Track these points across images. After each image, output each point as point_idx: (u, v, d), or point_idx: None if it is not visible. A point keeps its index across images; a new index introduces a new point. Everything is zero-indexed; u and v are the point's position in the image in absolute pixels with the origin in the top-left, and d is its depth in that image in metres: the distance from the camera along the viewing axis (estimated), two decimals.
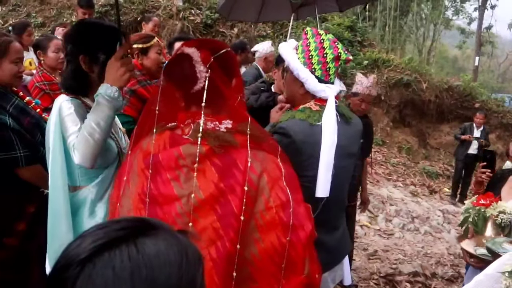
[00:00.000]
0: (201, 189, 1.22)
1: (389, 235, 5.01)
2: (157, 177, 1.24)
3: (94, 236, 0.58)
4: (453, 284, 4.10)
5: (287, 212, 1.25)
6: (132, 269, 0.55)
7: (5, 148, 1.89)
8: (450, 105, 10.45)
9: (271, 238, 1.23)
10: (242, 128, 1.30)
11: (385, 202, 5.85)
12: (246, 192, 1.21)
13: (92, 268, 0.55)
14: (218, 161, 1.24)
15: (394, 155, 9.06)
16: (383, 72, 9.70)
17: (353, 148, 1.83)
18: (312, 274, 1.30)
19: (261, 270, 1.24)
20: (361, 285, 3.69)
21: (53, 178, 1.64)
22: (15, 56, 1.99)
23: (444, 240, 5.15)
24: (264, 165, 1.27)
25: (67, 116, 1.62)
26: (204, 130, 1.26)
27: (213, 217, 1.21)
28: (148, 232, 0.60)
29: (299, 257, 1.26)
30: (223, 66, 1.32)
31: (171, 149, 1.27)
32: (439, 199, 7.41)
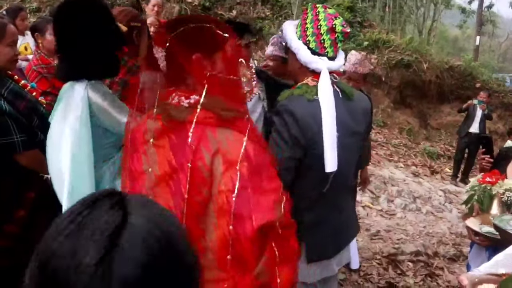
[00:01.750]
0: (158, 165, 1.21)
1: (391, 215, 5.02)
2: (134, 153, 1.27)
3: (90, 228, 0.53)
4: (455, 262, 4.12)
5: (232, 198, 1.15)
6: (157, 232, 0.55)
7: (1, 133, 1.85)
8: (451, 85, 10.40)
9: (223, 226, 1.15)
10: (210, 103, 1.23)
11: (387, 183, 5.85)
12: (192, 170, 1.15)
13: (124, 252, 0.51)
14: (174, 137, 1.23)
15: (395, 136, 9.04)
16: (384, 53, 9.62)
17: (358, 126, 1.77)
18: (271, 277, 1.16)
19: (222, 259, 1.15)
20: (364, 265, 3.70)
21: (79, 163, 1.56)
22: (10, 39, 1.95)
23: (446, 219, 5.16)
24: (221, 145, 1.18)
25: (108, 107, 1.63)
26: (164, 105, 1.26)
27: (168, 195, 1.19)
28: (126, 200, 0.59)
29: (245, 251, 1.14)
30: (189, 43, 1.28)
31: (141, 124, 1.29)
32: (440, 179, 7.42)
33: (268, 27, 9.12)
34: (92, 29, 1.63)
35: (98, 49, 1.65)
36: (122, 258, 0.50)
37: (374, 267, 3.73)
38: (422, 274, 3.77)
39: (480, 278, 1.45)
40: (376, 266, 3.77)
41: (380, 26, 11.47)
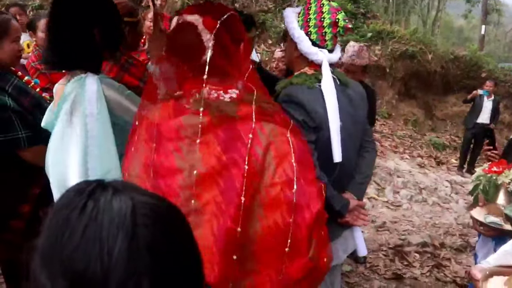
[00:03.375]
0: (203, 162, 1.16)
1: (397, 207, 5.01)
2: (160, 148, 1.20)
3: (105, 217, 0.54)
4: (462, 253, 4.11)
5: (291, 190, 1.18)
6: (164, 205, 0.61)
7: (6, 129, 1.86)
8: (456, 76, 10.32)
9: (275, 216, 1.16)
10: (249, 98, 1.23)
11: (392, 174, 5.83)
12: (248, 165, 1.15)
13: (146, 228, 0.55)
14: (222, 133, 1.18)
15: (400, 127, 9.00)
16: (388, 44, 9.55)
17: (357, 113, 1.80)
18: (319, 258, 1.24)
19: (264, 249, 1.18)
20: (370, 257, 3.70)
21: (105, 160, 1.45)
22: (15, 34, 1.95)
23: (452, 210, 5.15)
24: (271, 139, 1.20)
25: (125, 102, 1.55)
26: (206, 100, 1.20)
27: (215, 191, 1.15)
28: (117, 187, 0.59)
29: (303, 238, 1.19)
30: (231, 32, 1.24)
31: (172, 120, 1.21)
32: (446, 170, 7.38)
33: (270, 20, 9.07)
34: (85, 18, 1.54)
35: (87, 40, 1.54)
36: (144, 232, 0.54)
37: (381, 259, 3.73)
38: (429, 265, 3.76)
39: (491, 271, 1.44)
40: (382, 257, 3.77)
41: (384, 17, 11.40)
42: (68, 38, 1.56)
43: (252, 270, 1.18)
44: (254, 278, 1.19)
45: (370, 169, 1.94)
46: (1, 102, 1.86)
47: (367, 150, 1.92)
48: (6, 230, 1.99)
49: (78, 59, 1.56)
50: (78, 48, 1.55)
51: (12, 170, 1.93)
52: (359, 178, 1.86)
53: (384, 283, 3.39)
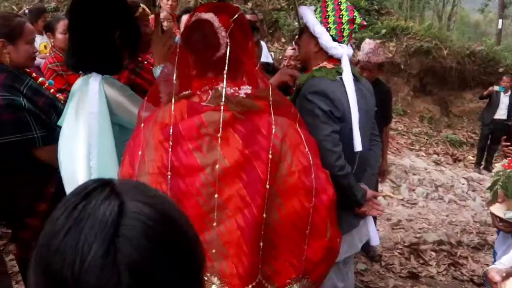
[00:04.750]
0: (226, 157, 1.19)
1: (413, 205, 4.95)
2: (178, 148, 1.21)
3: (88, 221, 0.52)
4: (480, 251, 4.04)
5: (309, 177, 1.24)
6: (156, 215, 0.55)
7: (22, 129, 1.89)
8: (473, 71, 10.13)
9: (293, 203, 1.22)
10: (261, 93, 1.27)
11: (408, 172, 5.76)
12: (271, 155, 1.20)
13: (127, 240, 0.51)
14: (241, 127, 1.22)
15: (416, 124, 8.89)
16: (402, 40, 9.43)
17: (368, 108, 1.87)
18: (334, 238, 1.30)
19: (282, 236, 1.23)
20: (385, 255, 3.66)
21: (105, 159, 1.52)
22: (29, 36, 1.99)
23: (470, 208, 5.06)
24: (285, 130, 1.25)
25: (126, 103, 1.57)
26: (226, 95, 1.23)
27: (239, 185, 1.19)
28: (117, 188, 0.57)
29: (322, 221, 1.26)
30: (243, 30, 1.29)
31: (191, 118, 1.23)
32: (463, 167, 7.27)
33: (284, 19, 9.05)
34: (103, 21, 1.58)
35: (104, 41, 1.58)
36: (126, 245, 0.50)
37: (396, 257, 3.69)
38: (445, 264, 3.71)
39: (508, 272, 1.42)
40: (397, 256, 3.73)
41: (398, 13, 11.28)
42: (89, 41, 1.59)
43: (270, 257, 1.23)
44: (273, 264, 1.23)
45: (377, 162, 2.04)
46: (17, 102, 1.89)
47: (374, 143, 1.99)
48: (23, 229, 2.03)
49: (99, 62, 1.60)
50: (99, 52, 1.59)
51: (28, 169, 1.97)
52: (370, 170, 1.94)
53: (399, 281, 3.35)
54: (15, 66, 1.98)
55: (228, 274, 1.17)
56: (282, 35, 8.88)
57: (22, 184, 1.97)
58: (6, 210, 2.02)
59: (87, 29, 1.60)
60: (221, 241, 1.17)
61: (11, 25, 1.94)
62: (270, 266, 1.23)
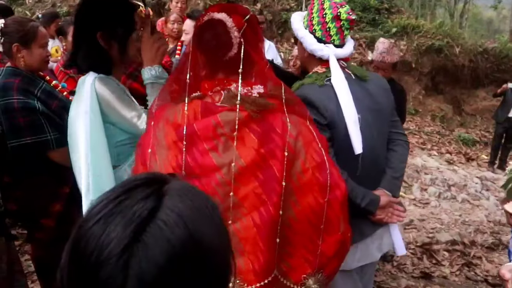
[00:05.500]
0: (242, 156, 1.20)
1: (425, 204, 4.90)
2: (193, 149, 1.22)
3: (119, 217, 0.52)
4: (494, 251, 3.99)
5: (323, 173, 1.25)
6: (183, 235, 0.52)
7: (36, 131, 1.93)
8: (486, 69, 10.00)
9: (308, 199, 1.23)
10: (274, 92, 1.29)
11: (420, 171, 5.71)
12: (287, 153, 1.21)
13: (144, 249, 0.50)
14: (257, 127, 1.23)
15: (428, 123, 8.80)
16: (413, 38, 9.35)
17: (380, 107, 1.76)
18: (346, 232, 1.32)
19: (298, 233, 1.25)
20: (397, 255, 3.64)
21: (96, 159, 1.53)
22: (43, 40, 2.04)
23: (483, 207, 4.99)
24: (299, 128, 1.27)
25: (114, 100, 1.55)
26: (241, 95, 1.24)
27: (254, 183, 1.20)
28: (165, 189, 0.56)
29: (336, 216, 1.28)
30: (254, 31, 1.30)
31: (207, 118, 1.23)
32: (476, 166, 7.18)
33: None
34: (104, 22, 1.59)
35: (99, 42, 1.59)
36: (143, 254, 0.50)
37: (408, 257, 3.67)
38: (459, 264, 3.67)
39: None
40: (410, 256, 3.70)
41: (408, 11, 11.17)
42: (78, 42, 1.65)
43: (286, 254, 1.25)
44: (288, 261, 1.26)
45: (402, 164, 1.86)
46: (31, 105, 1.93)
47: (397, 143, 1.86)
48: (38, 229, 2.07)
49: (87, 62, 1.62)
50: (85, 52, 1.62)
51: (42, 171, 2.01)
52: (390, 172, 1.80)
53: (412, 281, 3.33)
54: (29, 70, 2.02)
55: (244, 270, 1.19)
56: (291, 36, 8.87)
57: (37, 185, 2.01)
58: (22, 211, 2.06)
59: (76, 30, 1.65)
60: (237, 238, 1.19)
61: (25, 29, 1.98)
62: (286, 263, 1.25)
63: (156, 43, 1.58)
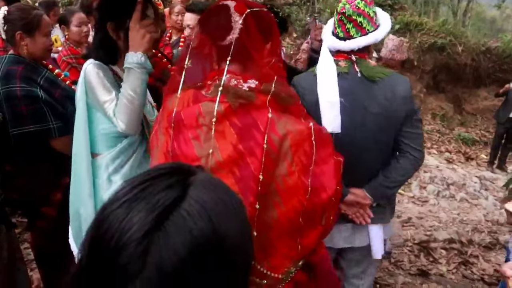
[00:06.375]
0: (220, 150, 1.18)
1: (424, 202, 4.92)
2: (180, 136, 1.22)
3: (143, 202, 0.52)
4: (491, 251, 4.00)
5: (309, 176, 1.21)
6: (206, 228, 0.51)
7: (39, 120, 1.93)
8: (488, 68, 9.98)
9: (293, 202, 1.20)
10: (266, 88, 1.23)
11: (419, 170, 5.72)
12: (265, 152, 1.16)
13: (165, 237, 0.49)
14: (238, 121, 1.19)
15: (428, 122, 8.81)
16: (416, 36, 9.33)
17: (380, 107, 1.72)
18: (328, 223, 1.31)
19: (280, 233, 1.22)
20: (394, 252, 3.65)
21: (76, 144, 1.67)
22: (46, 29, 2.03)
23: (481, 206, 5.01)
24: (288, 128, 1.20)
25: (96, 84, 1.61)
26: (225, 86, 1.21)
27: (231, 180, 1.17)
28: (191, 180, 0.56)
29: (318, 215, 1.26)
30: (259, 25, 1.27)
31: (192, 107, 1.23)
32: (475, 165, 7.19)
33: (296, 13, 9.00)
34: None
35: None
36: (163, 242, 0.49)
37: (405, 254, 3.68)
38: (456, 262, 3.69)
39: None
40: (407, 253, 3.72)
41: (412, 9, 11.13)
42: (95, 32, 1.73)
43: (268, 254, 1.23)
44: (270, 260, 1.23)
45: (400, 177, 1.80)
46: (34, 93, 1.93)
47: (404, 155, 1.79)
48: (39, 217, 2.07)
49: (95, 49, 1.69)
50: (96, 41, 1.70)
51: (44, 159, 2.01)
52: (382, 179, 1.79)
53: (409, 278, 3.34)
54: (32, 58, 2.02)
55: None
56: (293, 30, 8.84)
57: (38, 174, 2.01)
58: (23, 199, 2.07)
59: (96, 23, 1.73)
60: None
61: (28, 17, 1.97)
62: (268, 263, 1.23)
63: (143, 29, 1.57)
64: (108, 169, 1.65)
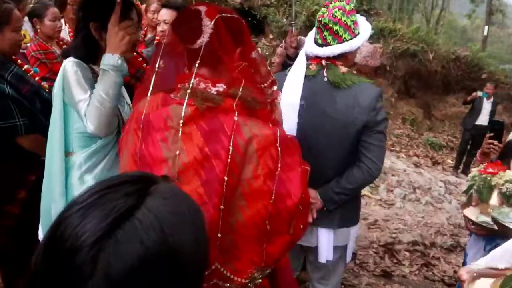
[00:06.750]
0: (186, 152, 1.20)
1: (390, 205, 5.05)
2: (148, 138, 1.24)
3: (100, 209, 0.53)
4: (452, 253, 4.16)
5: (274, 181, 1.23)
6: (157, 238, 0.52)
7: (4, 116, 1.89)
8: (457, 76, 10.33)
9: (258, 206, 1.21)
10: (235, 92, 1.25)
11: (387, 173, 5.86)
12: (230, 155, 1.17)
13: (115, 245, 0.50)
14: (205, 124, 1.21)
15: (398, 126, 9.03)
16: (389, 42, 9.56)
17: (339, 113, 1.77)
18: (297, 232, 1.31)
19: (246, 237, 1.23)
20: (360, 254, 3.75)
21: (51, 141, 1.66)
22: (16, 24, 1.98)
23: (445, 210, 5.19)
24: (254, 132, 1.22)
25: (73, 81, 1.60)
26: (193, 89, 1.23)
27: (197, 182, 1.19)
28: (151, 190, 0.57)
29: (285, 222, 1.26)
30: (230, 30, 1.28)
31: (161, 109, 1.25)
32: (441, 170, 7.43)
33: (273, 15, 9.06)
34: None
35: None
36: (113, 250, 0.50)
37: (371, 256, 3.78)
38: (418, 264, 3.82)
39: (479, 272, 1.46)
40: (372, 254, 3.82)
41: (386, 15, 11.38)
42: (77, 31, 1.75)
43: (233, 258, 1.24)
44: (234, 264, 1.25)
45: (349, 184, 1.82)
46: (0, 89, 1.89)
47: (358, 165, 1.82)
48: (1, 215, 2.03)
49: (76, 47, 1.69)
50: (78, 39, 1.70)
51: (10, 156, 1.97)
52: (333, 184, 1.83)
53: (373, 279, 3.44)
54: (0, 53, 1.98)
55: None
56: (270, 31, 8.90)
57: (3, 171, 1.97)
58: None
59: (77, 21, 1.72)
60: None
61: None
62: (231, 266, 1.24)
63: (121, 31, 1.57)
64: (81, 168, 1.64)
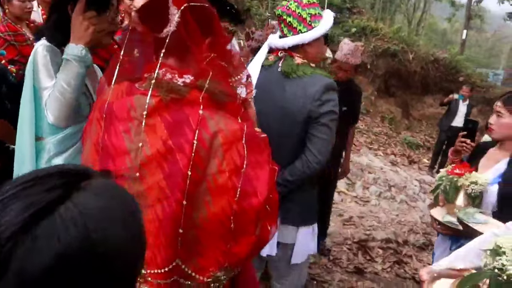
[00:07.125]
0: (149, 144, 1.16)
1: (365, 202, 5.10)
2: (111, 128, 1.19)
3: (20, 202, 0.49)
4: (424, 251, 4.22)
5: (239, 178, 1.19)
6: (79, 235, 0.48)
7: None
8: (435, 77, 10.50)
9: (222, 203, 1.18)
10: (202, 84, 1.21)
11: (364, 170, 5.92)
12: (194, 149, 1.14)
13: (31, 242, 0.47)
14: (169, 116, 1.17)
15: (377, 124, 9.13)
16: (371, 40, 9.63)
17: (286, 102, 1.82)
18: (264, 233, 1.28)
19: (209, 233, 1.20)
20: (334, 250, 3.77)
21: (21, 125, 1.60)
22: None
23: (419, 209, 5.27)
24: (220, 126, 1.18)
25: (42, 66, 1.55)
26: (158, 80, 1.18)
27: (160, 176, 1.15)
28: (82, 184, 0.53)
29: (251, 222, 1.23)
30: (198, 20, 1.23)
31: (125, 99, 1.20)
32: (417, 169, 7.54)
33: (256, 8, 9.01)
34: None
35: None
36: (28, 247, 0.47)
37: (344, 252, 3.81)
38: (391, 261, 3.86)
39: (440, 273, 1.47)
40: (346, 251, 3.84)
41: (369, 13, 11.47)
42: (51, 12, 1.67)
43: (196, 253, 1.21)
44: (198, 260, 1.21)
45: (289, 176, 1.83)
46: None
47: (301, 157, 1.84)
48: None
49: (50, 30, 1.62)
50: (53, 21, 1.63)
51: None
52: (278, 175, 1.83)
53: (345, 276, 3.46)
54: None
55: (148, 261, 1.17)
56: (253, 24, 8.84)
57: None
58: None
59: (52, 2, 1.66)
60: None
61: None
62: (194, 263, 1.21)
63: (85, 21, 1.52)
64: (50, 152, 1.61)
